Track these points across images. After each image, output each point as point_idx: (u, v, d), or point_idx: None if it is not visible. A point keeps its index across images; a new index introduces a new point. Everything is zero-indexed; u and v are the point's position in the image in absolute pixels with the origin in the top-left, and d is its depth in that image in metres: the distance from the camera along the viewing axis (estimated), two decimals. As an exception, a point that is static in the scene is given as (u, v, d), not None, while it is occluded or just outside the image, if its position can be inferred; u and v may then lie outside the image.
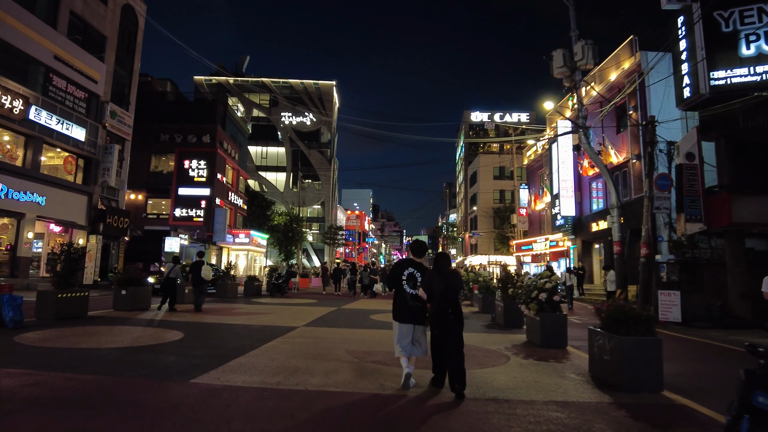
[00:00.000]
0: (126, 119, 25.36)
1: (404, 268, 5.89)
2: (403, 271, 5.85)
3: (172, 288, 13.82)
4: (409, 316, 5.73)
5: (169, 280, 13.82)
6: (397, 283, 5.85)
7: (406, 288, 5.76)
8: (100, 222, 22.90)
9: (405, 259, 6.22)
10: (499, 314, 12.63)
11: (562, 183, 28.03)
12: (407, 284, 5.77)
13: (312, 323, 11.83)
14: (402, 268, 5.90)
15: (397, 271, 5.93)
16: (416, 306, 5.71)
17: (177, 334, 9.22)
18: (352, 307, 17.08)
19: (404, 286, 5.78)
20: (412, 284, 5.76)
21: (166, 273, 14.05)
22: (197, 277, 14.08)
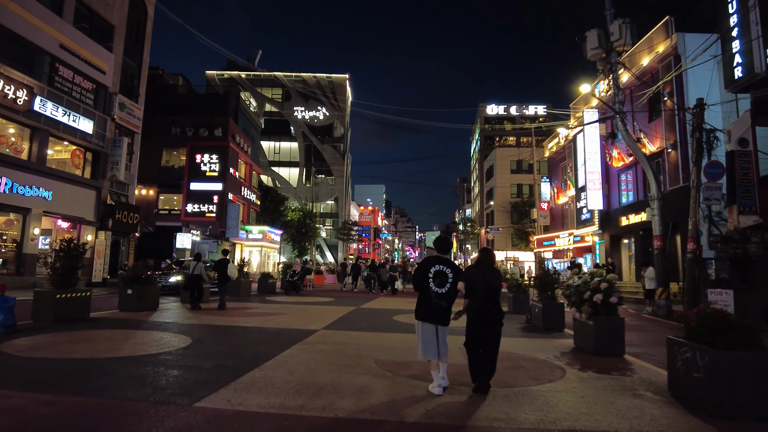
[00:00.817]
0: (135, 111, 24.56)
1: (431, 265, 5.49)
2: (430, 268, 5.46)
3: (199, 285, 13.68)
4: (433, 316, 5.37)
5: (194, 277, 13.63)
6: (423, 281, 5.45)
7: (432, 286, 5.37)
8: (109, 218, 22.14)
9: (431, 256, 5.76)
10: (536, 316, 11.51)
11: (588, 175, 26.69)
12: (433, 282, 5.38)
13: (332, 326, 10.82)
14: (429, 265, 5.50)
15: (423, 268, 5.54)
16: (441, 305, 5.35)
17: (184, 340, 8.26)
18: (371, 307, 16.06)
19: (430, 284, 5.39)
20: (438, 282, 5.38)
21: (190, 271, 13.88)
22: (223, 275, 13.84)
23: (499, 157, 59.56)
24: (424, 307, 5.44)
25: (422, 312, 5.44)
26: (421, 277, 5.50)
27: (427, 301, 5.40)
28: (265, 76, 65.80)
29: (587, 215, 28.31)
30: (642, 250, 22.78)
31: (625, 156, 24.21)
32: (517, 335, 10.20)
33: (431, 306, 5.36)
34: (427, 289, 5.41)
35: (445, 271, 5.43)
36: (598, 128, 27.10)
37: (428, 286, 5.40)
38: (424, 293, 5.45)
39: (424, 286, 5.45)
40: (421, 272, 5.52)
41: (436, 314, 5.36)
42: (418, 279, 5.57)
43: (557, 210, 37.12)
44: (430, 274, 5.43)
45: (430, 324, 5.38)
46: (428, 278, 5.42)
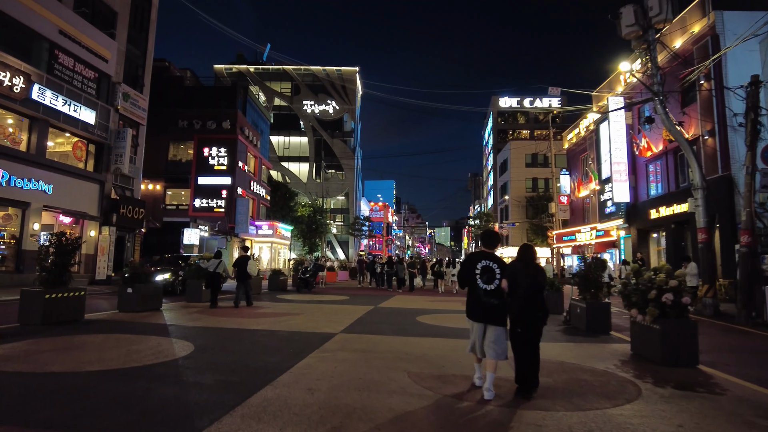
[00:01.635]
0: (140, 102, 23.61)
1: (477, 260, 5.20)
2: (477, 264, 5.17)
3: (217, 283, 13.31)
4: (482, 314, 5.10)
5: (214, 275, 13.29)
6: (470, 278, 5.20)
7: (480, 283, 5.10)
8: (113, 212, 21.22)
9: (477, 251, 5.55)
10: (578, 317, 10.33)
11: (614, 166, 25.33)
12: (481, 279, 5.11)
13: (351, 328, 9.72)
14: (475, 261, 5.22)
15: (469, 264, 5.28)
16: (491, 303, 5.06)
17: (185, 347, 7.21)
18: (390, 306, 14.95)
19: (477, 280, 5.12)
20: (486, 278, 5.10)
21: (212, 268, 13.48)
22: (243, 272, 13.44)
23: (513, 150, 58.09)
24: (472, 305, 5.21)
25: (471, 310, 5.22)
26: (468, 274, 5.22)
27: (475, 299, 5.15)
28: (273, 69, 64.81)
29: (612, 208, 26.97)
30: (674, 245, 21.45)
31: (654, 145, 22.84)
32: (560, 339, 9.02)
33: (480, 304, 5.09)
34: (474, 286, 5.15)
35: (493, 267, 5.14)
36: (624, 117, 25.75)
37: (475, 283, 5.13)
38: (472, 291, 5.20)
39: (470, 283, 5.20)
40: (467, 268, 5.24)
41: (485, 312, 5.07)
42: (464, 276, 5.30)
43: (577, 203, 35.74)
44: (476, 270, 5.14)
45: (479, 323, 5.13)
46: (475, 275, 5.14)
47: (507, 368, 5.94)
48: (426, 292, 21.67)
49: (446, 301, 17.08)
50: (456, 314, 12.76)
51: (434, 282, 26.91)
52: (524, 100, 72.06)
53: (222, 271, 13.49)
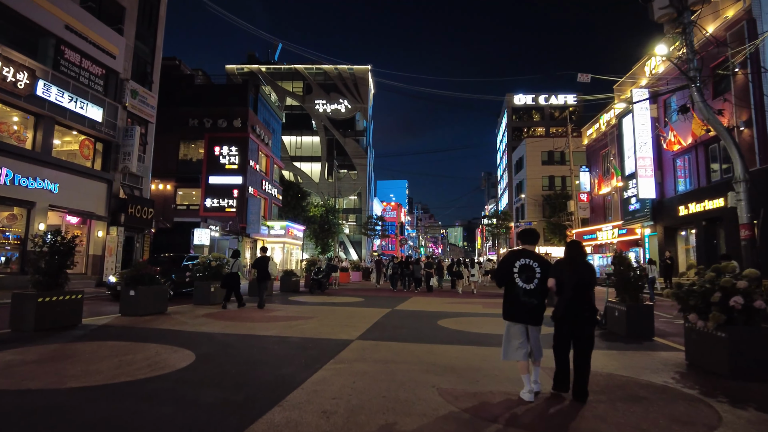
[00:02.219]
0: (149, 99, 23.08)
1: (516, 258, 5.06)
2: (515, 262, 5.02)
3: (236, 284, 13.23)
4: (521, 314, 4.92)
5: (231, 275, 13.21)
6: (508, 276, 5.04)
7: (519, 282, 4.95)
8: (121, 212, 20.69)
9: (516, 249, 5.38)
10: (616, 320, 9.41)
11: (639, 161, 24.23)
12: (520, 277, 4.96)
13: (368, 334, 8.92)
14: (514, 259, 5.06)
15: (508, 261, 5.11)
16: (530, 303, 4.89)
17: (185, 357, 6.46)
18: (408, 309, 14.12)
19: (516, 279, 4.97)
20: (526, 277, 4.94)
21: (229, 268, 13.44)
22: (264, 273, 13.38)
23: (529, 147, 56.88)
24: (510, 305, 5.02)
25: (509, 310, 5.01)
26: (506, 273, 5.04)
27: (513, 298, 4.98)
28: (285, 69, 64.34)
29: (636, 205, 25.85)
30: (706, 243, 20.32)
31: (683, 138, 21.72)
32: (599, 345, 8.05)
33: (519, 304, 4.91)
34: (512, 285, 4.98)
35: (532, 265, 4.95)
36: (649, 110, 24.65)
37: (514, 282, 4.97)
38: (509, 290, 5.02)
39: (509, 282, 5.02)
40: (506, 267, 5.06)
41: (525, 313, 4.90)
42: (502, 274, 5.11)
43: (598, 201, 34.59)
44: (515, 268, 4.98)
45: (519, 324, 4.94)
46: (513, 273, 4.97)
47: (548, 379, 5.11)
48: (443, 294, 20.82)
49: (467, 304, 16.21)
50: (480, 318, 11.91)
51: (452, 282, 26.14)
52: (539, 97, 70.79)
53: (237, 270, 13.31)
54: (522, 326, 4.93)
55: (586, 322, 4.89)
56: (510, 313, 5.00)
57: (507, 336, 5.03)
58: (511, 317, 4.98)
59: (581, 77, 15.79)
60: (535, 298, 4.88)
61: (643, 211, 25.05)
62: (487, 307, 14.68)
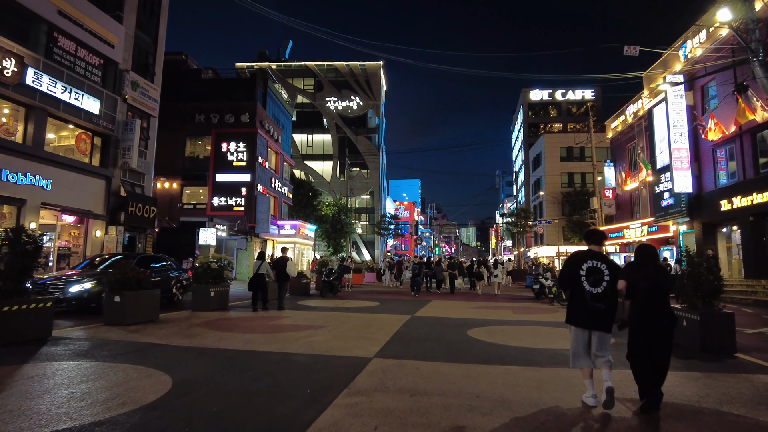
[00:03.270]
0: (150, 92, 21.85)
1: (582, 260, 4.71)
2: (581, 264, 4.68)
3: (263, 286, 12.97)
4: (589, 319, 4.59)
5: (258, 276, 12.97)
6: (574, 279, 4.69)
7: (586, 285, 4.60)
8: (121, 211, 19.46)
9: (582, 251, 4.91)
10: (686, 331, 7.82)
11: (674, 153, 22.44)
12: (587, 280, 4.61)
13: (388, 349, 7.46)
14: (580, 261, 4.72)
15: (573, 264, 4.77)
16: (598, 307, 4.54)
17: (159, 385, 5.06)
18: (430, 315, 12.63)
19: (583, 282, 4.62)
20: (593, 280, 4.58)
21: (254, 270, 13.23)
22: (283, 274, 13.30)
23: (547, 143, 54.99)
24: (576, 309, 4.73)
25: (574, 315, 4.75)
26: (571, 275, 4.77)
27: (579, 302, 4.68)
28: (296, 66, 63.18)
29: (670, 201, 24.05)
30: (754, 240, 18.53)
31: (725, 127, 19.95)
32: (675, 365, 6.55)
33: (586, 308, 4.61)
34: (579, 288, 4.68)
35: (600, 268, 4.66)
36: (685, 98, 22.86)
37: (581, 286, 4.66)
38: (575, 294, 4.73)
39: (575, 285, 4.73)
40: (571, 269, 4.81)
41: (592, 318, 4.60)
42: (567, 277, 4.87)
43: (624, 197, 32.80)
44: (581, 271, 4.70)
45: (584, 329, 4.69)
46: (580, 276, 4.68)
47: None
48: (464, 296, 19.31)
49: (494, 309, 14.67)
50: (514, 327, 10.38)
51: (471, 283, 24.69)
52: (556, 92, 68.93)
53: (264, 272, 13.05)
54: (587, 331, 4.66)
55: (664, 330, 4.52)
56: (576, 318, 4.71)
57: (574, 342, 4.75)
58: (578, 322, 4.69)
59: (628, 50, 14.21)
60: (604, 303, 4.54)
61: (679, 206, 23.24)
62: (517, 313, 13.15)
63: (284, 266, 13.44)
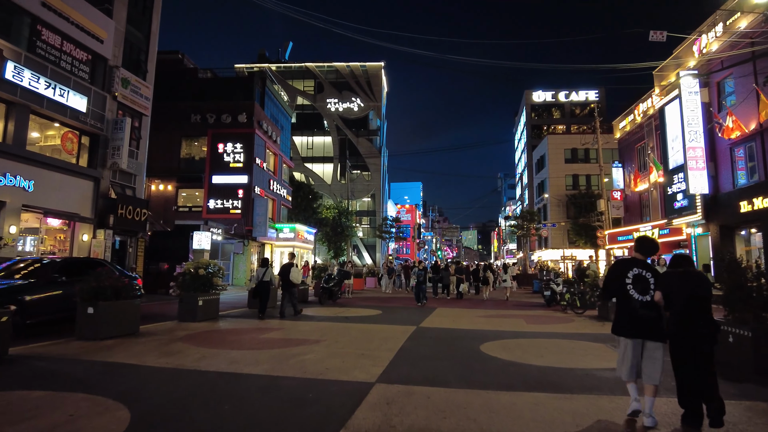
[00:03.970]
0: (143, 90, 20.95)
1: (628, 268, 4.59)
2: (627, 272, 4.57)
3: (266, 293, 12.79)
4: (641, 329, 4.41)
5: (263, 284, 12.86)
6: (620, 288, 4.56)
7: (634, 293, 4.47)
8: (110, 213, 18.53)
9: (626, 258, 5.03)
10: (732, 348, 6.84)
11: (688, 152, 21.47)
12: (635, 288, 4.48)
13: (394, 371, 6.48)
14: (625, 269, 4.61)
15: (619, 272, 4.66)
16: (648, 315, 4.40)
17: (112, 425, 4.09)
18: (437, 326, 11.64)
19: (630, 291, 4.49)
20: (640, 289, 4.46)
21: (259, 277, 13.11)
22: (286, 281, 12.90)
23: (551, 145, 54.02)
24: (625, 319, 4.52)
25: (623, 325, 4.54)
26: (618, 284, 4.59)
27: (630, 312, 4.48)
28: (296, 67, 62.36)
29: (684, 202, 23.06)
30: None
31: (744, 124, 18.99)
32: (725, 390, 5.56)
33: (637, 317, 4.42)
34: (626, 298, 4.51)
35: (647, 276, 4.51)
36: (700, 95, 21.90)
37: (628, 295, 4.49)
38: (623, 303, 4.56)
39: (621, 293, 4.56)
40: (617, 277, 4.64)
41: (644, 326, 4.39)
42: (612, 285, 4.69)
43: (633, 199, 31.79)
44: (628, 279, 4.53)
45: (635, 339, 4.43)
46: (626, 284, 4.52)
47: None
48: (470, 303, 18.33)
49: (505, 318, 13.68)
50: (531, 340, 9.39)
51: (476, 288, 23.76)
52: (559, 93, 68.10)
53: (269, 279, 12.97)
54: (638, 342, 4.45)
55: (703, 340, 4.34)
56: (627, 328, 4.52)
57: (623, 354, 4.52)
58: (629, 332, 4.50)
59: (654, 35, 13.26)
60: (653, 311, 4.44)
61: (693, 208, 22.25)
62: (531, 323, 12.16)
63: (288, 273, 12.92)
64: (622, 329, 4.55)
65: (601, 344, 8.93)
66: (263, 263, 13.53)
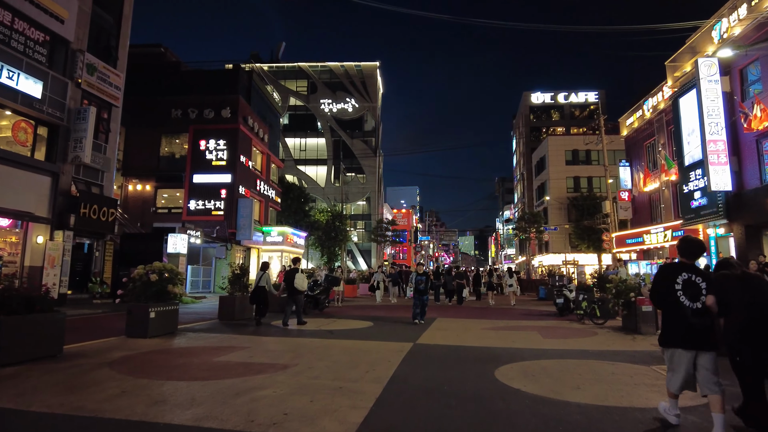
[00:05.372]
0: (112, 78, 19.04)
1: (677, 273, 4.21)
2: (676, 277, 4.17)
3: (263, 299, 12.19)
4: (693, 338, 4.03)
5: (259, 289, 12.23)
6: (670, 295, 4.18)
7: (684, 300, 4.08)
8: (70, 213, 16.57)
9: (674, 263, 4.40)
10: None
11: (709, 146, 19.67)
12: (684, 295, 4.10)
13: (380, 420, 4.56)
14: (674, 274, 4.21)
15: (667, 277, 4.25)
16: (701, 324, 4.00)
17: None
18: (437, 342, 9.71)
19: (680, 297, 4.10)
20: (691, 295, 4.08)
21: (255, 282, 12.48)
22: (291, 287, 11.97)
23: (552, 146, 52.32)
24: (676, 327, 4.13)
25: (676, 334, 4.13)
26: (666, 290, 4.21)
27: (680, 320, 4.09)
28: (288, 67, 60.55)
29: (702, 200, 21.25)
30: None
31: (773, 114, 17.23)
32: None
33: (688, 326, 4.03)
34: (676, 304, 4.13)
35: (697, 282, 4.13)
36: (720, 83, 20.16)
37: (678, 302, 4.12)
38: (673, 310, 4.17)
39: (670, 300, 4.17)
40: (665, 283, 4.25)
41: (697, 336, 4.02)
42: (660, 292, 4.29)
43: (642, 200, 30.03)
44: (677, 284, 4.16)
45: (687, 351, 4.05)
46: (676, 291, 4.15)
47: None
48: (474, 311, 16.41)
49: (514, 329, 11.77)
50: (557, 361, 7.46)
51: (477, 294, 21.93)
52: (558, 95, 66.61)
53: (265, 284, 12.24)
54: (692, 353, 4.01)
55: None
56: (677, 338, 4.10)
57: (674, 366, 4.12)
58: (680, 342, 4.08)
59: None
60: (707, 318, 4.01)
61: (714, 206, 20.42)
62: (549, 337, 10.25)
63: (293, 279, 11.94)
64: (673, 340, 4.16)
65: (647, 367, 7.05)
66: (262, 267, 12.88)
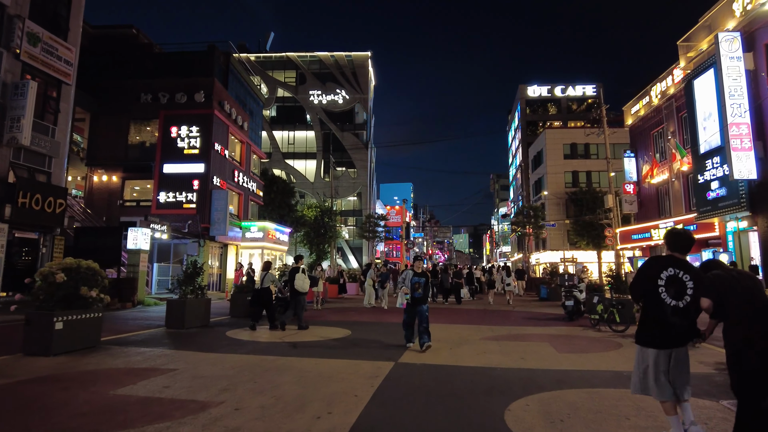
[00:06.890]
0: (62, 52, 16.81)
1: (662, 267, 3.78)
2: (660, 272, 3.76)
3: (268, 301, 11.18)
4: (670, 339, 3.71)
5: (263, 291, 11.19)
6: (650, 290, 3.77)
7: (665, 297, 3.71)
8: (5, 203, 14.37)
9: (660, 257, 3.93)
10: None
11: (731, 129, 17.70)
12: (666, 291, 3.71)
13: None
14: (658, 268, 3.78)
15: (650, 271, 3.83)
16: (680, 324, 3.68)
17: None
18: (426, 362, 7.62)
19: (662, 293, 3.71)
20: (674, 292, 3.71)
21: (259, 282, 11.40)
22: (291, 288, 11.28)
23: (549, 139, 50.38)
24: (653, 326, 3.78)
25: (652, 333, 3.77)
26: (646, 285, 3.80)
27: (659, 319, 3.74)
28: (276, 57, 58.24)
29: (721, 191, 19.30)
30: None
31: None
32: None
33: (668, 326, 3.69)
34: (656, 301, 3.74)
35: (682, 278, 3.71)
36: (743, 60, 18.21)
37: (658, 298, 3.73)
38: (652, 308, 3.79)
39: (650, 296, 3.77)
40: (647, 277, 3.82)
41: (672, 336, 3.71)
42: (640, 286, 3.86)
43: (648, 192, 28.12)
44: (660, 280, 3.74)
45: (663, 350, 3.71)
46: (657, 286, 3.74)
47: None
48: (471, 314, 14.37)
49: (519, 338, 9.69)
50: (586, 391, 5.34)
51: (471, 293, 20.19)
52: (555, 88, 64.76)
53: (269, 285, 11.29)
54: (668, 352, 3.71)
55: None
56: (653, 337, 3.75)
57: (646, 366, 3.74)
58: (657, 342, 3.73)
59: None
60: (687, 319, 3.68)
61: (736, 197, 18.46)
62: (564, 351, 8.18)
63: (293, 278, 11.18)
64: (650, 339, 3.76)
65: (714, 402, 5.00)
66: (265, 266, 11.86)
